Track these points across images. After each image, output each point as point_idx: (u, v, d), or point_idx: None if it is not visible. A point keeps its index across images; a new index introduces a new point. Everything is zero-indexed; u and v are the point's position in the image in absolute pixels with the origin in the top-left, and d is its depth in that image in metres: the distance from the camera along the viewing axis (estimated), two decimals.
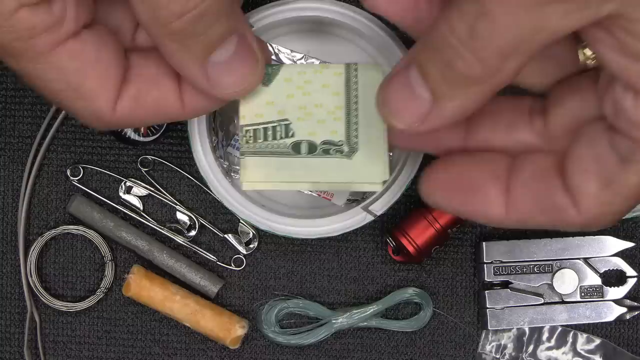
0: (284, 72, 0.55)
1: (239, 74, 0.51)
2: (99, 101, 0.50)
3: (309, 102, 0.55)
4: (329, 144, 0.54)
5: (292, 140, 0.54)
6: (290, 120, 0.54)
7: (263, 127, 0.54)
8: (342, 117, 0.54)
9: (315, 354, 0.67)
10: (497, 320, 0.66)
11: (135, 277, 0.66)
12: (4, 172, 0.67)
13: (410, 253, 0.65)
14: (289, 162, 0.54)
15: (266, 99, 0.55)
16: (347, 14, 0.62)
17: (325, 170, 0.54)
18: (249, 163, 0.54)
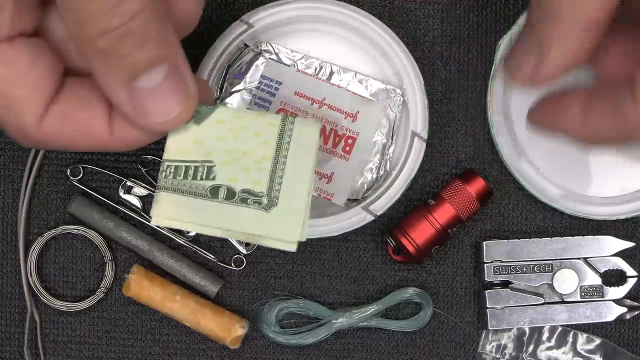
0: (218, 113, 0.54)
1: (166, 105, 0.49)
2: (25, 113, 0.49)
3: (237, 148, 0.53)
4: (248, 193, 0.53)
5: (211, 183, 0.53)
6: (214, 163, 0.53)
7: (185, 165, 0.53)
8: (267, 168, 0.53)
9: (316, 354, 0.67)
10: (497, 320, 0.66)
11: (136, 277, 0.66)
12: (4, 172, 0.67)
13: (411, 253, 0.65)
14: (204, 205, 0.53)
15: (195, 137, 0.53)
16: (346, 13, 0.62)
17: (240, 220, 0.53)
18: (162, 198, 0.53)
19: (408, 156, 0.62)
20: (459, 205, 0.64)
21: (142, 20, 0.46)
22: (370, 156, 0.63)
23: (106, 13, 0.45)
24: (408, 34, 0.66)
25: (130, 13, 0.45)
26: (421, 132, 0.62)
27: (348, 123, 0.63)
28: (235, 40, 0.62)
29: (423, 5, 0.66)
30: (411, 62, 0.63)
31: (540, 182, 0.65)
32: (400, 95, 0.63)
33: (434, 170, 0.67)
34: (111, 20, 0.45)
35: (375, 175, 0.63)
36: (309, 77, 0.64)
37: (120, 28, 0.46)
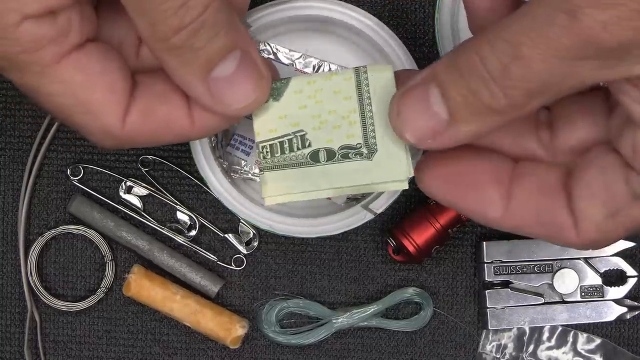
0: (294, 84, 0.55)
1: (243, 90, 0.51)
2: (107, 115, 0.49)
3: (321, 110, 0.54)
4: (347, 148, 0.54)
5: (309, 149, 0.54)
6: (305, 131, 0.54)
7: (279, 141, 0.54)
8: (357, 120, 0.54)
9: (316, 354, 0.67)
10: (498, 320, 0.66)
11: (136, 277, 0.66)
12: (4, 172, 0.67)
13: (411, 253, 0.65)
14: (309, 172, 0.54)
15: (278, 113, 0.55)
16: (346, 12, 0.62)
17: (347, 175, 0.54)
18: (269, 178, 0.54)
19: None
20: None
21: (212, 11, 0.47)
22: None
23: (178, 10, 0.46)
24: (408, 33, 0.66)
25: (202, 6, 0.47)
26: None
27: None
28: None
29: (423, 5, 0.66)
30: (410, 60, 0.63)
31: None
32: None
33: None
34: (184, 16, 0.46)
35: None
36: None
37: (193, 23, 0.47)
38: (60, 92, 0.48)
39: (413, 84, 0.50)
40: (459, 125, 0.48)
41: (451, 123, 0.48)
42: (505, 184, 0.50)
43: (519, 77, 0.44)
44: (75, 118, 0.49)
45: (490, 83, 0.45)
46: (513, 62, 0.44)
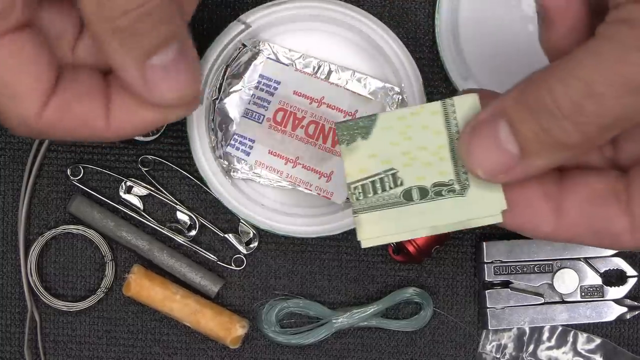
0: (382, 120, 0.54)
1: (177, 81, 0.50)
2: (27, 104, 0.49)
3: (411, 147, 0.54)
4: (439, 185, 0.53)
5: (402, 188, 0.53)
6: (396, 169, 0.54)
7: (370, 181, 0.54)
8: (447, 156, 0.53)
9: (316, 354, 0.67)
10: (498, 320, 0.66)
11: (136, 277, 0.66)
12: (4, 172, 0.67)
13: (411, 253, 0.65)
14: (403, 212, 0.54)
15: (368, 152, 0.54)
16: (346, 12, 0.62)
17: (441, 213, 0.53)
18: (364, 220, 0.54)
19: None
20: None
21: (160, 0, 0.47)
22: None
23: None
24: (408, 33, 0.66)
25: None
26: None
27: None
28: (233, 40, 0.62)
29: (423, 5, 0.66)
30: (410, 60, 0.63)
31: None
32: (399, 94, 0.63)
33: None
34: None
35: None
36: (308, 76, 0.64)
37: (142, 7, 0.47)
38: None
39: (481, 119, 0.50)
40: (531, 160, 0.48)
41: (522, 158, 0.48)
42: (555, 196, 0.50)
43: (592, 114, 0.44)
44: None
45: (562, 120, 0.45)
46: (586, 99, 0.44)
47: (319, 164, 0.63)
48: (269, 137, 0.63)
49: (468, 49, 0.65)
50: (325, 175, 0.63)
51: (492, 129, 0.49)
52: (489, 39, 0.65)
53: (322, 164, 0.63)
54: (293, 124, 0.63)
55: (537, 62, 0.65)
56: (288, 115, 0.63)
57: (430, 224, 0.53)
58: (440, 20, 0.65)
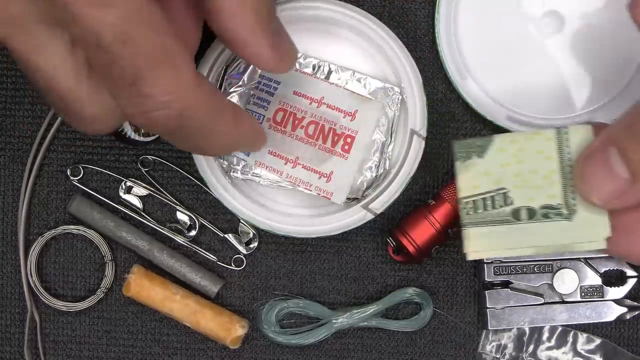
0: (497, 142, 0.57)
1: (288, 39, 0.56)
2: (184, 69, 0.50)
3: (523, 169, 0.57)
4: (547, 208, 0.56)
5: (511, 207, 0.57)
6: (507, 189, 0.57)
7: (482, 198, 0.57)
8: (558, 181, 0.56)
9: (316, 354, 0.67)
10: (497, 320, 0.66)
11: (136, 277, 0.66)
12: (4, 172, 0.67)
13: (411, 253, 0.65)
14: (510, 229, 0.57)
15: (482, 170, 0.57)
16: (345, 12, 0.62)
17: (547, 234, 0.56)
18: (472, 234, 0.57)
19: (407, 154, 0.62)
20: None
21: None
22: (370, 154, 0.63)
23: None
24: (408, 33, 0.66)
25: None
26: (420, 130, 0.62)
27: (347, 122, 0.63)
28: None
29: (423, 5, 0.67)
30: (409, 60, 0.63)
31: (485, 100, 0.66)
32: (398, 94, 0.63)
33: (434, 170, 0.67)
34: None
35: (375, 173, 0.63)
36: (308, 76, 0.64)
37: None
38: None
39: (594, 148, 0.54)
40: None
41: (633, 183, 0.52)
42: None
43: None
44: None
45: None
46: None
47: (319, 164, 0.63)
48: (268, 137, 0.63)
49: (468, 49, 0.65)
50: (325, 175, 0.63)
51: (604, 156, 0.53)
52: (489, 38, 0.65)
53: (322, 164, 0.63)
54: (293, 124, 0.63)
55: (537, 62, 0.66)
56: (288, 116, 0.63)
57: (534, 243, 0.57)
58: (440, 20, 0.65)
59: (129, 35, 0.46)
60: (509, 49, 0.65)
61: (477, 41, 0.65)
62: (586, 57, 0.65)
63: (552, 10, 0.65)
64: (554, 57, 0.65)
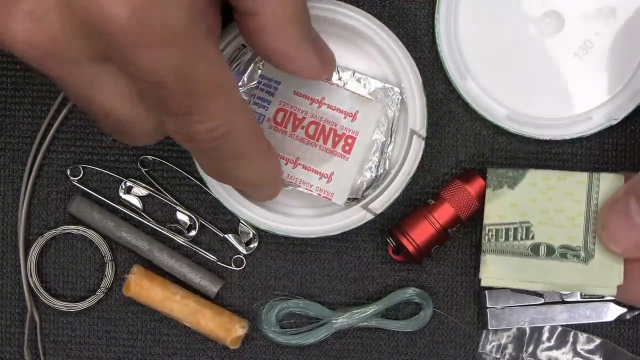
0: (530, 177, 0.59)
1: (325, 46, 0.59)
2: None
3: (550, 207, 0.59)
4: (566, 248, 0.58)
5: (531, 242, 0.59)
6: (531, 223, 0.59)
7: (505, 228, 0.59)
8: (581, 225, 0.58)
9: (316, 354, 0.67)
10: (497, 320, 0.66)
11: (136, 277, 0.66)
12: (4, 172, 0.67)
13: (410, 253, 0.65)
14: (526, 263, 0.59)
15: (510, 201, 0.59)
16: (345, 13, 0.62)
17: (561, 273, 0.59)
18: (489, 260, 0.60)
19: (407, 154, 0.62)
20: (459, 205, 0.64)
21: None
22: (370, 155, 0.63)
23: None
24: (408, 33, 0.66)
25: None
26: (420, 130, 0.62)
27: (347, 123, 0.63)
28: (232, 41, 0.62)
29: (423, 5, 0.67)
30: (409, 60, 0.63)
31: (485, 100, 0.65)
32: (398, 94, 0.63)
33: (434, 170, 0.67)
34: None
35: (375, 173, 0.63)
36: None
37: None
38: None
39: (617, 197, 0.56)
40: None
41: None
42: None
43: None
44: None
45: None
46: None
47: (319, 165, 0.63)
48: (269, 137, 0.63)
49: (468, 49, 0.65)
50: (326, 176, 0.63)
51: (625, 205, 0.55)
52: (489, 39, 0.65)
53: (322, 164, 0.63)
54: (293, 124, 0.63)
55: (536, 62, 0.65)
56: (288, 116, 0.63)
57: (548, 280, 0.59)
58: (440, 20, 0.65)
59: (188, 73, 0.46)
60: (509, 49, 0.65)
61: (477, 41, 0.65)
62: (586, 57, 0.65)
63: (552, 10, 0.65)
64: (554, 57, 0.65)
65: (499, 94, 0.65)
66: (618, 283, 0.58)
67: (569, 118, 0.65)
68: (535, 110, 0.65)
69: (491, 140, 0.66)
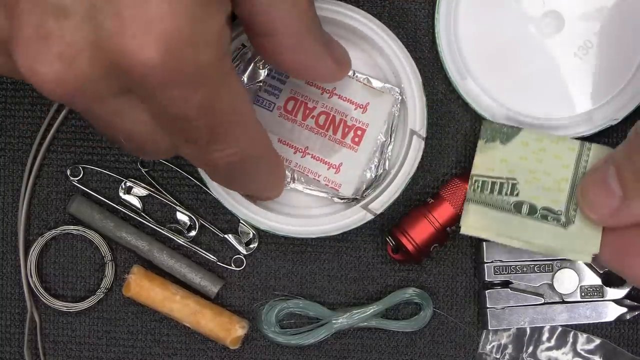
0: (523, 135, 0.60)
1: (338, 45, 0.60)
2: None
3: (538, 168, 0.60)
4: (548, 210, 0.60)
5: (515, 199, 0.60)
6: (517, 181, 0.60)
7: (491, 181, 0.60)
8: (566, 190, 0.59)
9: (316, 354, 0.67)
10: (497, 320, 0.66)
11: (136, 277, 0.66)
12: (4, 172, 0.67)
13: (410, 252, 0.65)
14: (508, 218, 0.60)
15: (501, 156, 0.60)
16: (345, 13, 0.62)
17: (539, 234, 0.60)
18: (472, 210, 0.61)
19: (407, 154, 0.62)
20: (458, 203, 0.64)
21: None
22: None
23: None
24: (408, 34, 0.66)
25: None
26: (420, 130, 0.62)
27: (358, 114, 0.63)
28: (233, 40, 0.62)
29: (423, 5, 0.67)
30: (409, 60, 0.63)
31: (485, 100, 0.65)
32: (398, 94, 0.63)
33: (434, 170, 0.67)
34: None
35: (374, 173, 0.63)
36: None
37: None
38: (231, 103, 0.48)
39: (597, 166, 0.57)
40: (632, 202, 0.55)
41: (625, 200, 0.55)
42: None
43: None
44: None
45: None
46: None
47: (328, 155, 0.63)
48: (278, 126, 0.63)
49: (467, 49, 0.65)
50: (334, 166, 0.63)
51: (603, 173, 0.56)
52: (489, 38, 0.65)
53: (331, 154, 0.63)
54: (304, 113, 0.63)
55: (536, 62, 0.65)
56: (299, 105, 0.63)
57: (526, 239, 0.60)
58: (440, 20, 0.65)
59: (213, 107, 0.46)
60: (509, 49, 0.65)
61: (477, 41, 0.65)
62: (586, 57, 0.65)
63: (552, 10, 0.65)
64: (554, 57, 0.65)
65: (499, 94, 0.65)
66: (594, 251, 0.59)
67: (569, 118, 0.65)
68: (535, 110, 0.65)
69: None
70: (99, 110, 0.47)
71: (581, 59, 0.65)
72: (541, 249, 0.60)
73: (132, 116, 0.48)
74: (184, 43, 0.43)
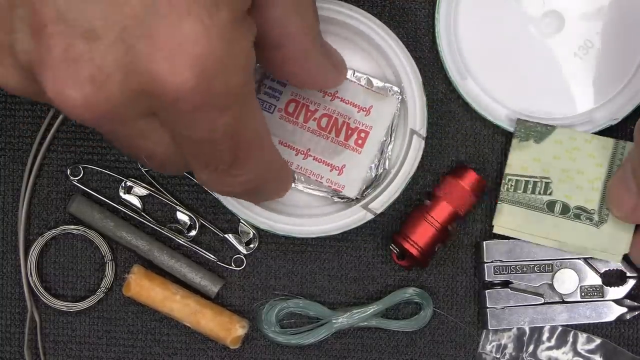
0: (557, 134, 0.61)
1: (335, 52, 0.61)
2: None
3: (572, 167, 0.61)
4: (581, 209, 0.60)
5: (548, 198, 0.60)
6: (551, 180, 0.61)
7: (525, 180, 0.61)
8: (599, 189, 0.60)
9: (316, 354, 0.67)
10: (498, 320, 0.66)
11: (136, 277, 0.66)
12: (4, 172, 0.67)
13: (415, 256, 0.64)
14: (540, 218, 0.61)
15: (534, 155, 0.61)
16: (345, 12, 0.62)
17: (572, 233, 0.60)
18: (505, 210, 0.61)
19: (407, 154, 0.62)
20: (455, 201, 0.64)
21: None
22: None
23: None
24: (408, 33, 0.66)
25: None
26: (420, 130, 0.62)
27: (361, 117, 0.63)
28: None
29: (423, 5, 0.67)
30: (409, 60, 0.63)
31: (485, 100, 0.65)
32: (398, 94, 0.63)
33: (434, 170, 0.67)
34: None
35: (375, 173, 0.63)
36: None
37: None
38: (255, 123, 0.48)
39: (623, 163, 0.59)
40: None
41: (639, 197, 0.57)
42: None
43: None
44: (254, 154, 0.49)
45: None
46: None
47: (330, 157, 0.63)
48: (279, 128, 0.63)
49: (468, 49, 0.65)
50: (337, 168, 0.63)
51: (623, 171, 0.58)
52: (489, 38, 0.65)
53: (334, 156, 0.63)
54: (305, 115, 0.63)
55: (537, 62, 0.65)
56: (300, 107, 0.63)
57: (558, 237, 0.61)
58: (440, 20, 0.65)
59: (237, 130, 0.46)
60: (509, 49, 0.65)
61: (477, 41, 0.65)
62: (586, 57, 0.65)
63: (552, 10, 0.65)
64: (554, 57, 0.65)
65: (499, 94, 0.65)
66: (624, 251, 0.60)
67: (569, 118, 0.65)
68: (535, 110, 0.65)
69: (491, 140, 0.66)
70: (123, 132, 0.46)
71: (581, 59, 0.65)
72: (573, 249, 0.61)
73: (155, 137, 0.47)
74: (217, 66, 0.42)
